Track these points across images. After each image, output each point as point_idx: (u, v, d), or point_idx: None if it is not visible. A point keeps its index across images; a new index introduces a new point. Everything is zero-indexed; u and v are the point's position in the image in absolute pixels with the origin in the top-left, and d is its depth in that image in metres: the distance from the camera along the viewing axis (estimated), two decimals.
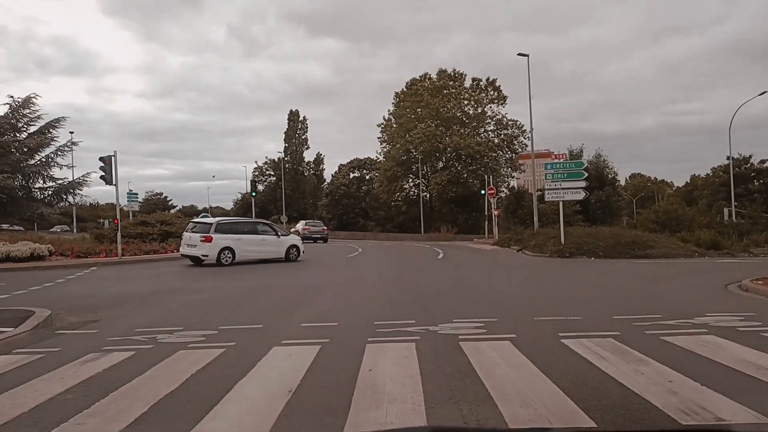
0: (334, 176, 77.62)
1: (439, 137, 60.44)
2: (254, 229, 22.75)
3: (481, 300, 11.18)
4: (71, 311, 10.24)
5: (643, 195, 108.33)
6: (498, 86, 62.93)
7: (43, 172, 33.03)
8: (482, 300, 11.17)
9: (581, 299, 11.00)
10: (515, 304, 10.21)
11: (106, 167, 22.59)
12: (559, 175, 27.91)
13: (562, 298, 11.20)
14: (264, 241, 22.46)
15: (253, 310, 10.06)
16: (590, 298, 11.13)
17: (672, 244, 27.71)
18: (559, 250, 26.49)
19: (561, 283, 14.82)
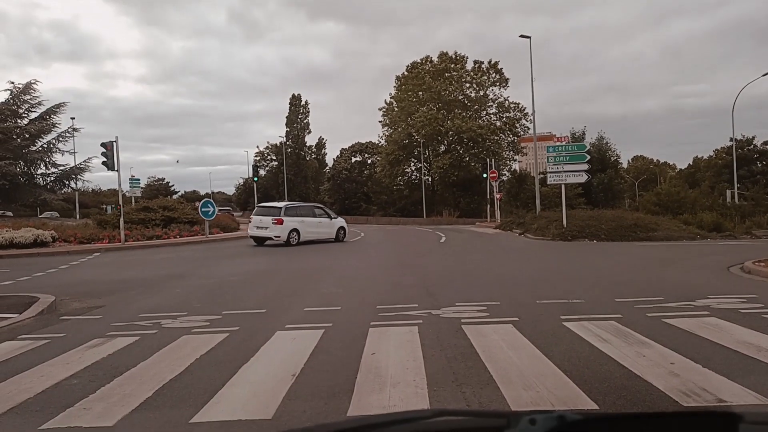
0: (336, 161, 77.52)
1: (441, 120, 60.25)
2: (312, 212, 24.97)
3: (483, 283, 11.21)
4: (75, 297, 10.29)
5: (645, 177, 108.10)
6: (500, 69, 62.60)
7: (44, 158, 33.07)
8: (484, 283, 11.20)
9: (583, 282, 11.01)
10: (517, 288, 10.24)
11: (107, 153, 22.58)
12: (561, 158, 27.82)
13: (564, 281, 11.22)
14: (320, 223, 24.68)
15: (256, 295, 10.10)
16: (592, 281, 11.15)
17: (674, 227, 27.69)
18: (561, 233, 26.48)
19: (563, 266, 14.83)
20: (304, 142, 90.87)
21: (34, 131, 32.49)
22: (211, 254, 20.39)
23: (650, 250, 20.67)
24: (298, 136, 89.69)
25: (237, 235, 29.80)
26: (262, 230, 22.92)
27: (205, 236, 26.59)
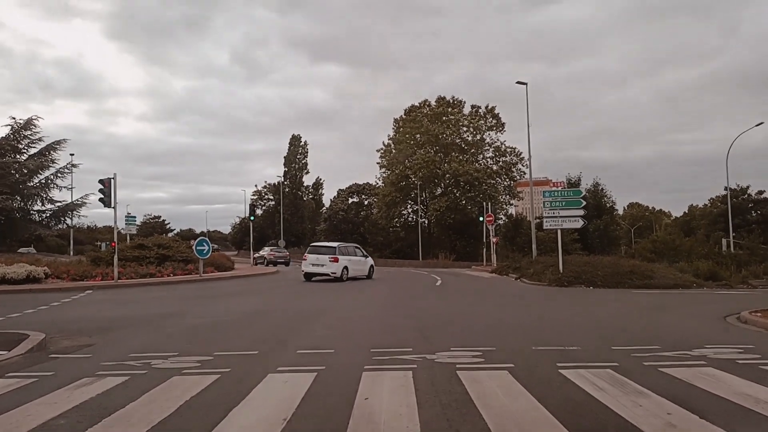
0: (333, 201, 77.77)
1: (438, 163, 60.76)
2: (354, 252, 27.74)
3: (479, 328, 11.12)
4: (66, 335, 10.16)
5: (641, 224, 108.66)
6: (497, 114, 63.50)
7: (42, 194, 33.12)
8: (480, 328, 11.11)
9: (579, 329, 10.93)
10: (513, 333, 10.16)
11: (105, 190, 22.62)
12: (557, 203, 27.96)
13: (560, 328, 11.14)
14: (359, 261, 27.48)
15: (249, 336, 9.99)
16: (588, 328, 11.07)
17: (670, 274, 27.63)
18: (557, 278, 26.42)
19: (559, 313, 14.75)
20: (302, 182, 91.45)
21: (32, 167, 32.62)
22: (205, 293, 20.25)
23: (646, 298, 20.59)
24: (295, 176, 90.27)
25: (231, 274, 29.69)
26: (318, 267, 25.40)
27: (200, 275, 26.45)
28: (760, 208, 68.16)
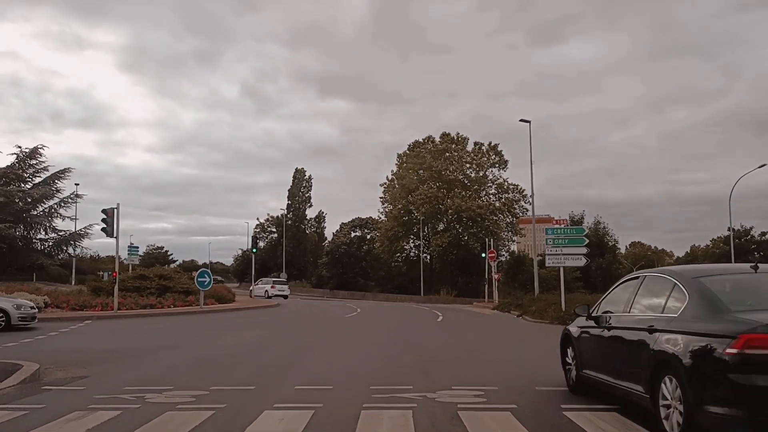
0: (335, 235, 77.59)
1: (441, 199, 60.76)
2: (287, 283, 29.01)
3: (481, 365, 10.92)
4: (60, 366, 10.00)
5: (643, 264, 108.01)
6: (500, 151, 63.73)
7: (45, 222, 33.12)
8: (481, 365, 10.91)
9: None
10: (516, 372, 9.96)
11: (108, 219, 22.62)
12: (559, 240, 27.83)
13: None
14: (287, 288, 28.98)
15: (246, 370, 9.81)
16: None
17: None
18: (559, 316, 26.10)
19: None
20: (305, 215, 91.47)
21: (36, 195, 32.72)
22: (204, 325, 20.06)
23: None
24: (299, 209, 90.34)
25: (232, 306, 29.48)
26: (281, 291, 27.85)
27: (200, 307, 26.24)
28: (762, 249, 67.82)
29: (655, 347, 5.50)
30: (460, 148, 64.42)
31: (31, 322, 17.48)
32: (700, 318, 5.21)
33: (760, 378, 4.40)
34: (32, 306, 17.96)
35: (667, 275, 6.29)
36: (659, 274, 6.62)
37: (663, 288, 6.11)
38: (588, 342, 7.57)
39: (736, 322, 4.79)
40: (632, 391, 6.00)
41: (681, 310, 5.51)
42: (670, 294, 5.87)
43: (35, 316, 17.84)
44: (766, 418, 4.37)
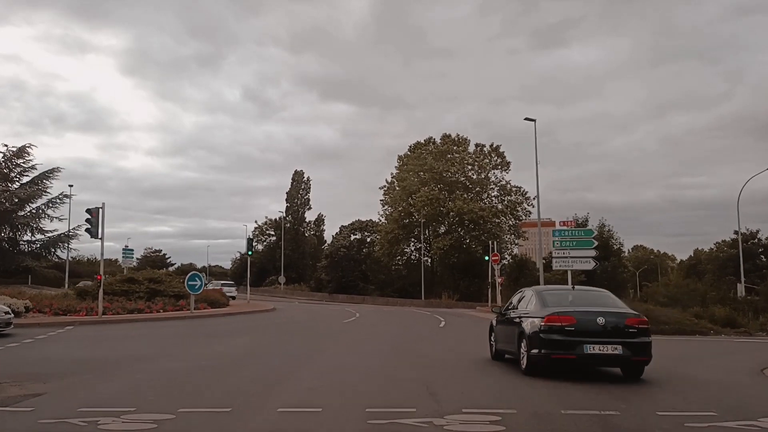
0: (335, 237, 76.39)
1: (442, 201, 59.59)
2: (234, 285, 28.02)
3: (494, 381, 9.74)
4: (18, 380, 8.82)
5: (646, 268, 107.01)
6: (502, 152, 62.60)
7: (32, 224, 31.92)
8: (495, 381, 9.74)
9: (608, 385, 9.55)
10: (535, 390, 8.77)
11: (92, 220, 21.48)
12: (567, 242, 26.71)
13: (585, 384, 9.77)
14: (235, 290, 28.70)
15: (226, 387, 8.63)
16: (619, 384, 9.69)
17: (685, 320, 26.21)
18: None
19: None
20: (304, 218, 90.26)
21: (24, 195, 31.55)
22: (191, 332, 18.90)
23: (666, 346, 19.18)
24: (297, 212, 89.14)
25: (225, 311, 28.29)
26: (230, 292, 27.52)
27: (190, 312, 25.05)
28: None
29: (521, 327, 10.52)
30: (461, 149, 63.27)
31: (6, 329, 16.29)
32: (536, 310, 10.42)
33: (552, 335, 9.63)
34: (6, 311, 16.76)
35: (529, 290, 11.99)
36: (527, 289, 12.26)
37: (527, 296, 11.50)
38: (498, 329, 12.47)
39: (547, 310, 10.01)
40: (512, 352, 11.13)
41: (532, 306, 10.78)
42: (529, 300, 11.18)
43: (10, 321, 16.64)
44: (555, 354, 9.57)
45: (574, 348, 9.56)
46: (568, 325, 9.64)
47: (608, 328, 9.69)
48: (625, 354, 9.62)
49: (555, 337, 9.62)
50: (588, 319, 9.75)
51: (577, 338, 9.59)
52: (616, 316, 10.00)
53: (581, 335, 9.61)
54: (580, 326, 9.64)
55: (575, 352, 9.57)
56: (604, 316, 9.83)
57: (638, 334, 9.90)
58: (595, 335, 9.63)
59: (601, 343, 9.59)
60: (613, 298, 11.33)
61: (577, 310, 10.05)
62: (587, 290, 12.79)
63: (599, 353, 9.61)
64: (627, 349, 9.61)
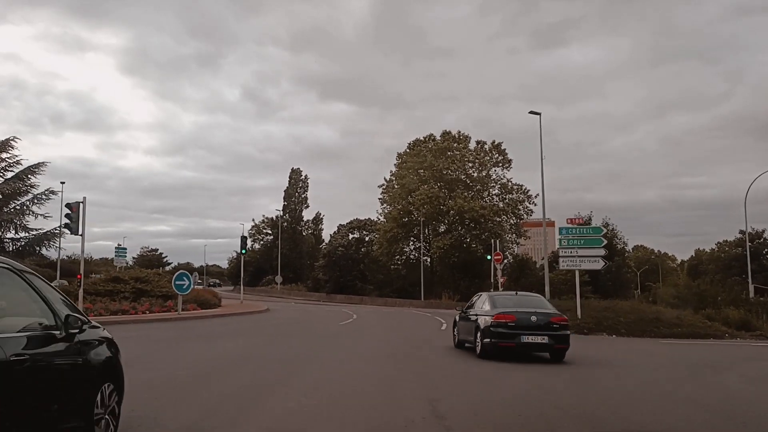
0: (333, 237, 75.10)
1: (442, 199, 58.31)
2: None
3: (508, 395, 8.51)
4: None
5: (647, 268, 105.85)
6: (503, 149, 61.34)
7: (15, 221, 30.54)
8: (509, 395, 8.50)
9: (643, 400, 8.32)
10: (554, 406, 7.52)
11: (72, 215, 20.19)
12: (574, 241, 25.41)
13: (612, 398, 8.53)
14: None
15: (197, 404, 7.35)
16: (654, 399, 8.46)
17: (698, 323, 25.05)
18: (575, 325, 23.71)
19: (600, 373, 12.10)
20: (301, 217, 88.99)
21: (7, 191, 30.16)
22: (176, 335, 17.61)
23: (685, 351, 18.06)
24: (295, 210, 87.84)
25: (215, 312, 26.99)
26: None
27: (178, 313, 23.75)
28: None
29: (477, 322, 13.58)
30: (462, 146, 61.94)
31: None
32: (488, 310, 13.53)
33: (499, 329, 12.78)
34: None
35: (484, 294, 15.38)
36: (483, 293, 15.68)
37: (482, 299, 14.70)
38: (460, 324, 15.46)
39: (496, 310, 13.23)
40: (471, 341, 14.19)
41: (486, 307, 13.80)
42: (483, 302, 14.33)
43: None
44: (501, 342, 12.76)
45: (514, 338, 12.82)
46: (510, 321, 12.91)
47: (539, 323, 12.95)
48: (550, 343, 12.94)
49: (501, 330, 12.90)
50: (524, 317, 12.98)
51: (517, 331, 12.81)
52: (544, 315, 13.19)
53: (519, 329, 12.84)
54: (518, 322, 12.89)
55: (515, 341, 12.83)
56: (536, 315, 13.09)
57: (560, 328, 13.12)
58: (529, 329, 12.88)
59: (534, 334, 12.86)
60: (544, 302, 15.00)
61: (517, 310, 13.22)
62: (526, 295, 15.92)
63: (532, 342, 12.87)
64: (552, 339, 12.91)
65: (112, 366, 5.34)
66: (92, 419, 4.69)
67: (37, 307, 4.38)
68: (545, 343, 12.89)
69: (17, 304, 4.23)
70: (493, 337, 12.88)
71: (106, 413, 4.97)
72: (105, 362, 5.20)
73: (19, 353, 3.68)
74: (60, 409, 4.27)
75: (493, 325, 12.94)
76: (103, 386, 4.94)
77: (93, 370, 4.91)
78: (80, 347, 4.71)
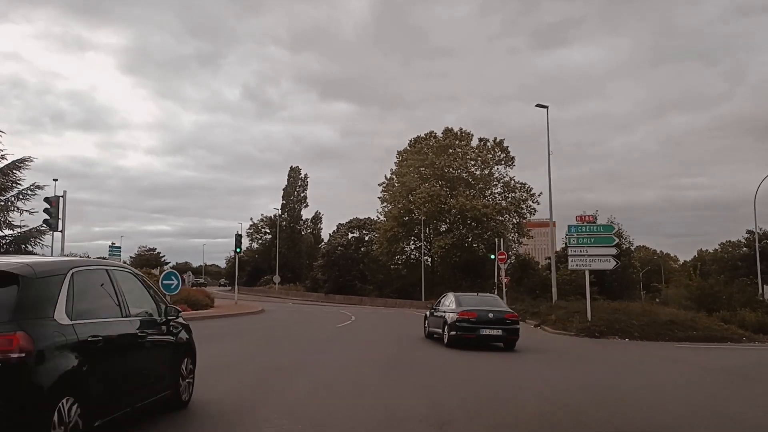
0: (332, 236, 73.73)
1: (444, 198, 56.95)
2: None
3: (526, 411, 7.22)
4: None
5: (649, 268, 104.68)
6: (505, 147, 59.97)
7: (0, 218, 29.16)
8: (527, 412, 7.21)
9: (676, 416, 7.05)
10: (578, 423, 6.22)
11: (51, 210, 18.95)
12: (584, 239, 24.15)
13: (643, 413, 7.27)
14: None
15: (155, 420, 6.06)
16: (689, 416, 7.19)
17: (714, 326, 23.78)
18: (586, 328, 22.52)
19: (621, 381, 10.82)
20: (300, 216, 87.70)
21: None
22: None
23: (704, 357, 16.85)
24: (294, 209, 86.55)
25: (206, 314, 25.66)
26: None
27: None
28: None
29: (445, 318, 16.44)
30: (463, 144, 60.54)
31: None
32: (454, 308, 16.39)
33: (463, 323, 15.58)
34: None
35: (450, 294, 18.01)
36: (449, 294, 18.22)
37: (449, 299, 17.37)
38: (430, 319, 18.44)
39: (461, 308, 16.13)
40: (439, 333, 16.97)
41: (453, 306, 16.57)
42: (450, 301, 17.08)
43: None
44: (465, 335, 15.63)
45: (475, 331, 15.58)
46: (472, 318, 15.67)
47: (495, 319, 15.80)
48: (504, 335, 15.75)
49: (464, 325, 15.65)
50: (483, 314, 15.78)
51: (477, 325, 15.56)
52: (499, 312, 16.22)
53: (479, 324, 15.61)
54: (479, 318, 15.67)
55: (476, 334, 15.57)
56: (493, 312, 15.99)
57: (512, 323, 16.03)
58: (487, 323, 15.69)
59: (490, 328, 15.63)
60: (499, 301, 18.80)
61: (478, 308, 16.09)
62: (485, 296, 19.22)
63: (489, 334, 15.57)
64: (505, 332, 15.77)
65: (190, 345, 7.22)
66: (178, 381, 6.66)
67: (146, 301, 6.27)
68: (500, 335, 15.77)
69: (135, 298, 5.98)
70: (458, 330, 15.79)
71: (187, 378, 6.93)
72: (186, 342, 7.08)
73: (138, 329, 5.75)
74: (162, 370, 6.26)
75: (458, 321, 15.79)
76: (185, 359, 6.90)
77: (180, 346, 6.85)
78: (171, 330, 6.61)
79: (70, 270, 4.96)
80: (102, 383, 4.84)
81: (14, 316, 4.16)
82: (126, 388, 5.37)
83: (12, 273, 4.41)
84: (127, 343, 5.51)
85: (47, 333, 4.32)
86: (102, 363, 4.89)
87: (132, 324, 5.68)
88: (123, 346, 5.41)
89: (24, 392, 4.00)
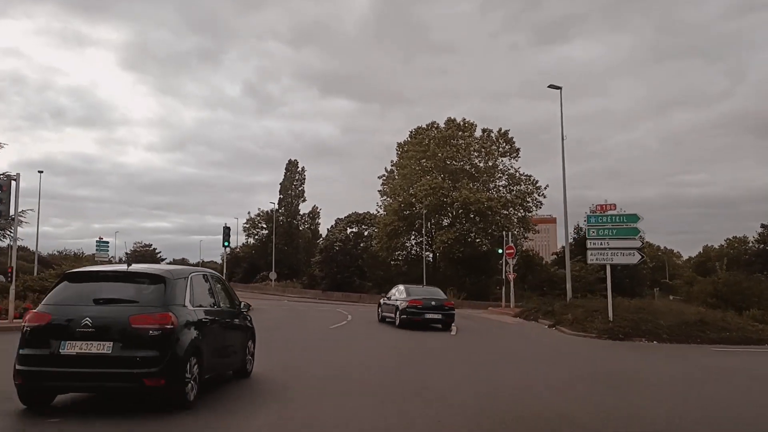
0: (330, 231, 71.26)
1: (446, 191, 54.42)
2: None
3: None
4: None
5: (654, 264, 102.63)
6: (510, 138, 57.39)
7: None
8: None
9: None
10: None
11: (2, 194, 16.50)
12: (605, 231, 21.78)
13: None
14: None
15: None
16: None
17: (747, 326, 21.48)
18: (608, 329, 20.17)
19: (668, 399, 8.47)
20: (298, 210, 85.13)
21: None
22: None
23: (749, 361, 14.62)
24: (291, 204, 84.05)
25: None
26: None
27: None
28: None
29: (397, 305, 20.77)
30: (467, 135, 57.92)
31: None
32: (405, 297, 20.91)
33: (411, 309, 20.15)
34: None
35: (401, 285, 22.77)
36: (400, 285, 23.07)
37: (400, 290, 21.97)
38: (384, 306, 22.59)
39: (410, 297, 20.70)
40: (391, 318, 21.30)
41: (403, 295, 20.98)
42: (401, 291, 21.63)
43: None
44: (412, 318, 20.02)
45: (421, 315, 19.91)
46: (419, 305, 20.06)
47: (436, 306, 20.25)
48: (443, 318, 20.34)
49: (412, 310, 19.97)
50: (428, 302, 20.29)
51: (423, 311, 19.95)
52: (440, 300, 20.77)
53: (424, 309, 19.99)
54: (424, 305, 20.03)
55: (421, 317, 19.88)
56: (435, 300, 20.60)
57: (449, 309, 20.66)
58: (430, 309, 20.08)
59: (433, 313, 20.16)
60: (440, 292, 22.29)
61: (423, 297, 20.60)
62: (429, 288, 24.14)
63: (432, 317, 20.17)
64: (444, 316, 20.37)
65: (253, 331, 9.75)
66: (245, 358, 9.14)
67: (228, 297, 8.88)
68: (440, 318, 20.19)
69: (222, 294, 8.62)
70: (408, 314, 19.96)
71: (252, 356, 9.50)
72: (251, 328, 9.68)
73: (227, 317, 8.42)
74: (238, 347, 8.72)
75: (408, 307, 20.00)
76: (250, 341, 9.47)
77: (248, 331, 9.46)
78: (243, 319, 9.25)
79: (190, 274, 7.64)
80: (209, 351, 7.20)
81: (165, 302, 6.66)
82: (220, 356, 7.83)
83: (162, 275, 6.97)
84: (222, 325, 8.04)
85: (182, 314, 6.77)
86: (209, 337, 7.26)
87: (223, 312, 8.26)
88: (220, 326, 7.94)
89: (175, 350, 6.40)
